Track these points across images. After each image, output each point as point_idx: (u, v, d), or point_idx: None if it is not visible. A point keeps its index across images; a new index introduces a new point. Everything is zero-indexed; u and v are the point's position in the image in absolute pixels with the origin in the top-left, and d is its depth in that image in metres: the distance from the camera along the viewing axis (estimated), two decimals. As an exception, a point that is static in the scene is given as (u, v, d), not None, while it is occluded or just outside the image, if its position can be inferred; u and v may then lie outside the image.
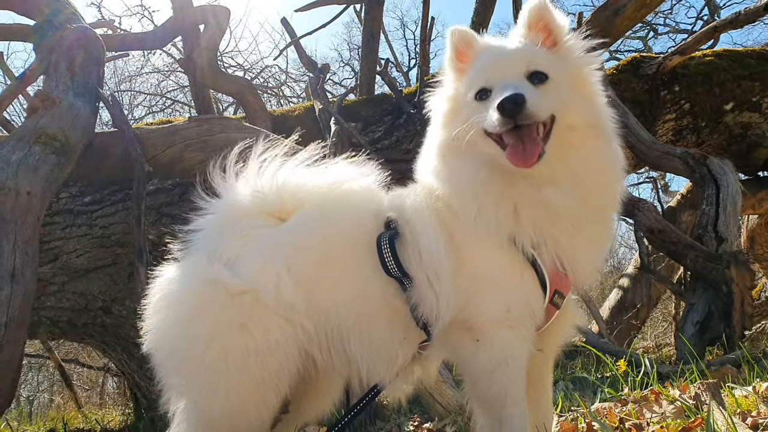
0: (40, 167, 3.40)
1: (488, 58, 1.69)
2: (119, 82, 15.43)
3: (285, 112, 6.10)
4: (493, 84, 1.61)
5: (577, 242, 1.66)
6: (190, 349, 1.68)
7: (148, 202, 4.49)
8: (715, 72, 5.95)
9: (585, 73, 1.72)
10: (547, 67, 1.62)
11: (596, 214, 1.69)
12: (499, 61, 1.66)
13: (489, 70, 1.65)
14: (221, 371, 1.64)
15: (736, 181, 4.63)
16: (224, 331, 1.65)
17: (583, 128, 1.64)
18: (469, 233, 1.65)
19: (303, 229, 1.80)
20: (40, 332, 5.25)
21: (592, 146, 1.65)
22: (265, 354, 1.63)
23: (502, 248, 1.62)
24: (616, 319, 7.02)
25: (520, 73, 1.60)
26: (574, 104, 1.63)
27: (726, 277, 3.97)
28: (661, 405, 2.31)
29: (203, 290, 1.71)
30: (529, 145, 1.53)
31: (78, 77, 4.10)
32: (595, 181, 1.64)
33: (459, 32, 1.78)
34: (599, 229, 1.75)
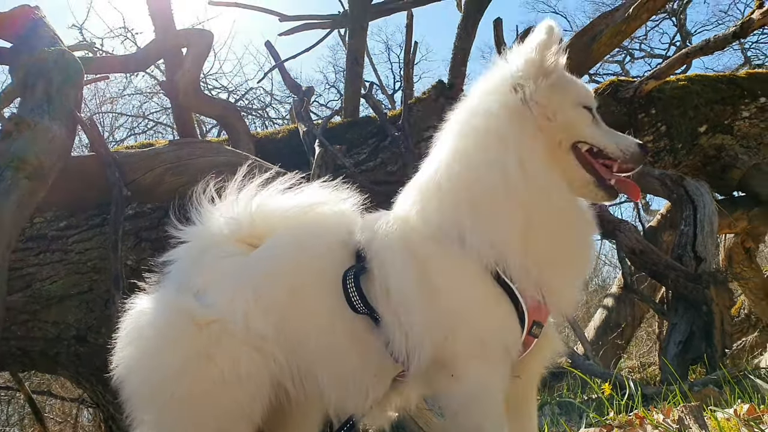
0: (11, 192, 3.32)
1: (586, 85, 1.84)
2: (100, 103, 15.29)
3: (269, 134, 6.08)
4: (593, 108, 1.76)
5: (567, 271, 1.67)
6: (159, 381, 1.64)
7: (127, 227, 4.41)
8: (688, 96, 6.11)
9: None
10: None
11: (581, 249, 1.77)
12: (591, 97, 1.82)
13: (591, 95, 1.80)
14: (190, 403, 1.61)
15: (712, 201, 4.72)
16: (192, 362, 1.61)
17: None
18: (447, 261, 1.61)
19: (273, 255, 1.77)
20: (10, 363, 5.08)
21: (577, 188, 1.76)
22: (235, 385, 1.59)
23: (481, 278, 1.58)
24: (602, 339, 7.03)
25: (594, 105, 1.81)
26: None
27: (706, 297, 4.01)
28: (646, 429, 2.29)
29: (172, 321, 1.67)
30: (632, 183, 1.73)
31: (55, 100, 4.03)
32: (581, 214, 1.75)
33: (555, 31, 1.75)
34: (586, 257, 1.81)
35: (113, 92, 15.25)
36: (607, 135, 1.69)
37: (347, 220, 1.80)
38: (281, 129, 6.15)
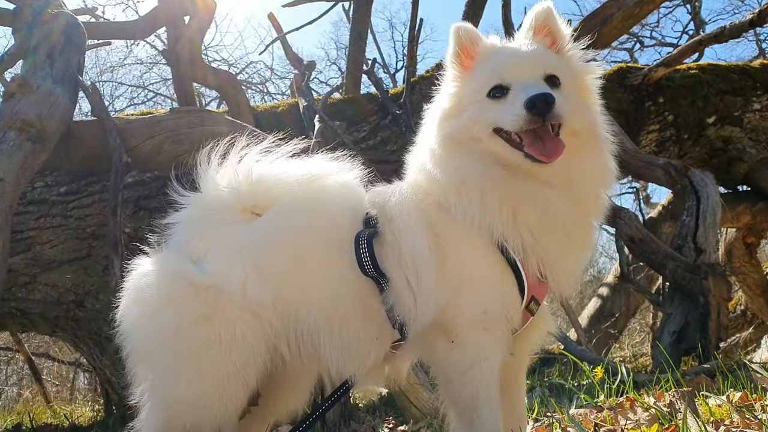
0: (14, 153, 3.31)
1: (504, 57, 1.67)
2: (101, 72, 15.21)
3: (268, 108, 6.04)
4: (510, 82, 1.60)
5: (565, 250, 1.66)
6: (157, 340, 1.71)
7: (126, 195, 4.40)
8: (699, 85, 6.03)
9: (587, 82, 1.74)
10: (560, 72, 1.64)
11: (584, 222, 1.71)
12: (517, 61, 1.64)
13: (506, 69, 1.62)
14: (185, 361, 1.67)
15: (717, 193, 4.68)
16: (189, 323, 1.67)
17: (585, 135, 1.65)
18: (456, 231, 1.64)
19: (276, 224, 1.79)
20: (10, 324, 5.12)
21: (589, 154, 1.66)
22: (230, 346, 1.64)
23: (488, 249, 1.61)
24: (595, 327, 7.07)
25: (538, 75, 1.61)
26: (579, 111, 1.64)
27: (703, 288, 4.00)
28: (636, 412, 2.30)
29: (171, 284, 1.72)
30: (550, 141, 1.54)
31: (57, 64, 4.00)
32: (588, 188, 1.67)
33: (465, 29, 1.73)
34: (585, 238, 1.75)
35: (114, 61, 15.14)
36: (503, 110, 1.57)
37: (353, 190, 1.82)
38: (281, 103, 6.10)
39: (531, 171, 1.58)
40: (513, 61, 1.64)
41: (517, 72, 1.61)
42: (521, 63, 1.63)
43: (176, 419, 1.67)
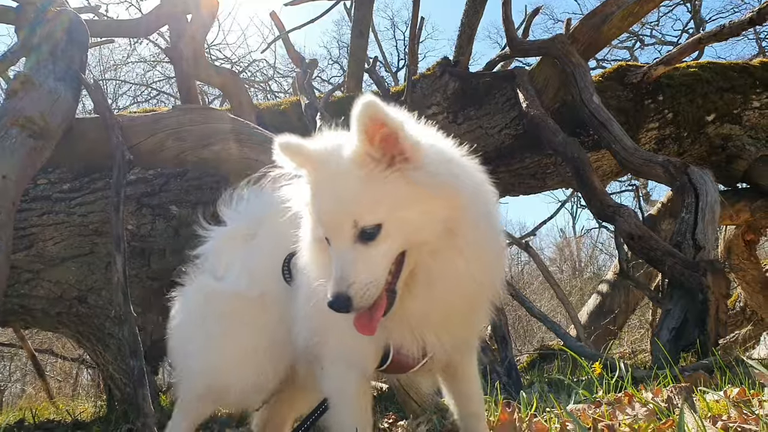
0: (17, 151, 3.33)
1: (320, 203, 1.54)
2: (104, 70, 15.23)
3: (271, 106, 6.06)
4: (329, 237, 1.53)
5: (424, 336, 1.65)
6: (192, 330, 2.21)
7: (128, 192, 4.43)
8: (698, 83, 6.05)
9: (425, 177, 1.47)
10: (377, 210, 1.44)
11: (466, 312, 1.67)
12: (329, 218, 1.51)
13: (324, 223, 1.54)
14: (210, 342, 2.14)
15: (716, 190, 4.70)
16: (212, 317, 2.16)
17: (434, 240, 1.50)
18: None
19: (258, 245, 2.19)
20: (13, 320, 5.15)
21: (446, 254, 1.51)
22: (239, 332, 2.09)
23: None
24: (594, 324, 7.09)
25: (349, 236, 1.46)
26: (424, 230, 1.48)
27: (702, 285, 4.01)
28: (634, 407, 2.33)
29: (199, 294, 2.25)
30: (364, 319, 1.51)
31: (60, 61, 4.02)
32: (457, 287, 1.55)
33: (284, 144, 1.60)
34: (459, 326, 1.73)
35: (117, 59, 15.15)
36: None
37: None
38: (283, 101, 6.12)
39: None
40: (324, 218, 1.53)
41: (329, 231, 1.52)
42: (329, 222, 1.51)
43: (205, 384, 2.14)
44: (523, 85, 5.63)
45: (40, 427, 4.62)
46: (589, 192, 4.87)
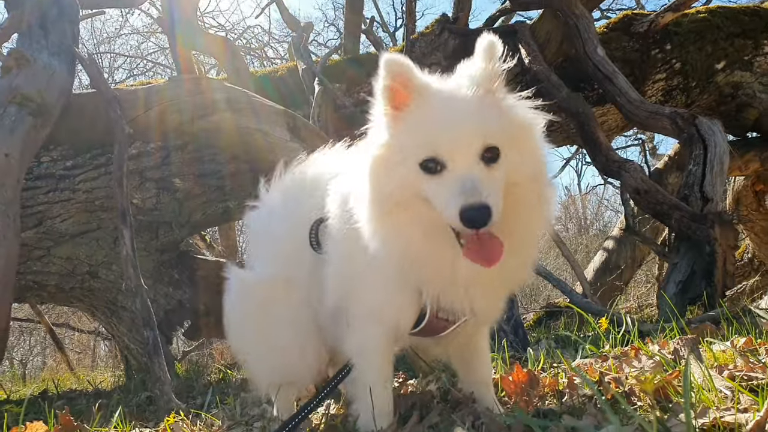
0: (16, 128, 3.32)
1: (437, 120, 1.45)
2: (98, 43, 15.02)
3: (267, 72, 5.98)
4: (445, 160, 1.42)
5: (473, 296, 1.62)
6: (240, 321, 2.21)
7: (131, 167, 4.43)
8: (708, 30, 5.88)
9: (529, 133, 1.53)
10: (499, 136, 1.44)
11: (509, 273, 1.62)
12: (451, 132, 1.42)
13: (439, 140, 1.42)
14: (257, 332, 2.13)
15: (725, 141, 4.62)
16: (253, 308, 2.12)
17: (524, 183, 1.50)
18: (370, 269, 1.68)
19: (275, 227, 2.16)
20: (29, 296, 5.25)
21: (529, 201, 1.52)
22: (279, 316, 2.05)
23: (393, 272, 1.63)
24: (600, 280, 7.12)
25: (476, 152, 1.41)
26: (519, 167, 1.48)
27: (710, 237, 4.00)
28: (641, 360, 2.35)
29: (240, 287, 2.20)
30: (490, 245, 1.42)
31: (52, 35, 3.97)
32: (525, 233, 1.56)
33: (396, 63, 1.48)
34: (509, 282, 1.70)
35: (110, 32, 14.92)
36: (438, 192, 1.43)
37: (318, 187, 1.97)
38: (280, 67, 6.03)
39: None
40: (446, 130, 1.43)
41: (451, 147, 1.41)
42: (456, 137, 1.42)
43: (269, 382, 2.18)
44: (525, 40, 5.50)
45: (63, 396, 4.75)
46: (594, 147, 4.82)
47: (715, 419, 1.48)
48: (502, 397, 2.19)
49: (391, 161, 1.50)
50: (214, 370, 5.65)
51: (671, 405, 1.74)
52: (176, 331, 5.63)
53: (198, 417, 2.71)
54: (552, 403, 2.05)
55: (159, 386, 3.12)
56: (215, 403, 2.96)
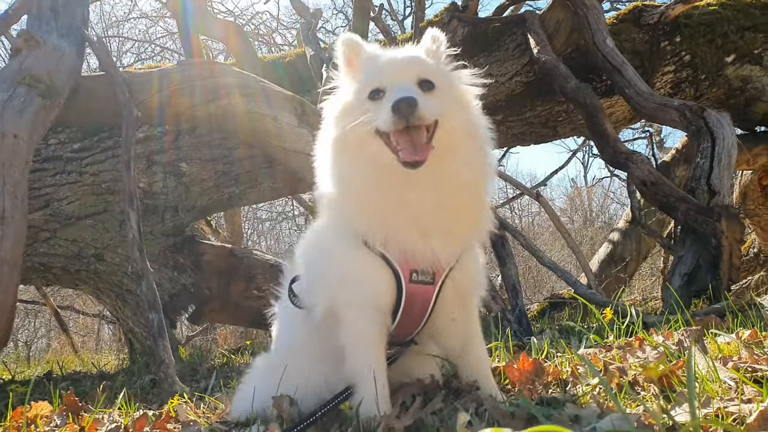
0: (25, 110, 3.32)
1: (383, 62, 1.79)
2: (106, 27, 14.97)
3: (276, 58, 5.96)
4: (386, 86, 1.71)
5: (431, 239, 1.74)
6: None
7: (138, 150, 4.44)
8: (718, 22, 5.82)
9: (465, 91, 1.84)
10: (434, 76, 1.74)
11: (459, 212, 1.76)
12: (393, 66, 1.77)
13: (383, 73, 1.75)
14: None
15: (733, 134, 4.59)
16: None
17: (459, 132, 1.74)
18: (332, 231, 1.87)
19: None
20: (34, 278, 5.29)
21: (465, 149, 1.74)
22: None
23: (358, 247, 1.77)
24: (605, 272, 7.12)
25: (411, 79, 1.71)
26: (453, 112, 1.74)
27: (716, 230, 3.98)
28: (645, 351, 2.36)
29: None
30: (420, 144, 1.63)
31: (62, 17, 3.95)
32: (461, 181, 1.73)
33: (348, 40, 1.86)
34: (456, 230, 1.79)
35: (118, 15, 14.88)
36: (379, 111, 1.66)
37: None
38: (288, 53, 6.01)
39: (404, 176, 1.65)
40: (389, 66, 1.77)
41: (392, 76, 1.73)
42: (396, 68, 1.76)
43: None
44: (533, 29, 5.46)
45: (68, 378, 4.80)
46: (601, 139, 4.80)
47: (719, 409, 1.49)
48: (506, 385, 2.20)
49: (348, 106, 1.79)
50: (217, 354, 5.69)
51: (675, 394, 1.75)
52: (180, 316, 5.67)
53: (202, 400, 2.74)
54: (555, 392, 2.06)
55: (163, 369, 3.14)
56: (219, 386, 2.99)
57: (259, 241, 16.23)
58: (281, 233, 16.47)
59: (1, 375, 5.27)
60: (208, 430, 2.07)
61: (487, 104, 1.93)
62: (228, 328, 9.02)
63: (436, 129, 1.68)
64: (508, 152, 12.19)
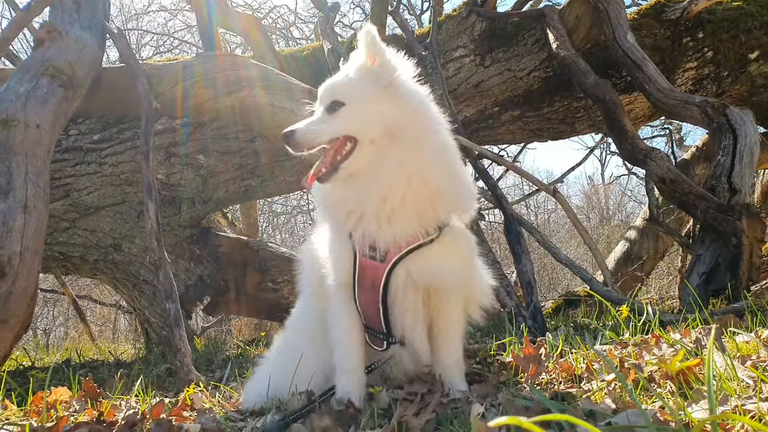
0: (48, 100, 3.37)
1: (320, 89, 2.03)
2: (126, 20, 15.12)
3: (293, 52, 5.98)
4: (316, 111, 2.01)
5: (389, 227, 1.90)
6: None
7: (157, 142, 4.48)
8: (742, 18, 5.71)
9: (390, 91, 1.92)
10: (346, 94, 1.92)
11: (397, 202, 1.88)
12: (320, 94, 2.01)
13: (320, 100, 2.00)
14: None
15: (756, 131, 4.51)
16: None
17: (380, 139, 1.88)
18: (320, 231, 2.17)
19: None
20: (54, 267, 5.38)
21: (388, 152, 1.87)
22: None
23: (333, 230, 2.05)
24: (621, 270, 7.05)
25: (325, 104, 1.95)
26: (372, 122, 1.88)
27: (736, 229, 3.92)
28: (661, 348, 2.33)
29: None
30: (316, 169, 1.93)
31: (84, 9, 4.00)
32: (392, 179, 1.86)
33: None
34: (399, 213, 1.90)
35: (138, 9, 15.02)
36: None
37: None
38: (306, 47, 6.02)
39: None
40: (320, 93, 2.00)
41: (320, 103, 1.99)
42: (320, 95, 1.99)
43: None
44: (553, 24, 5.41)
45: (86, 365, 4.88)
46: (620, 135, 4.74)
47: (737, 407, 1.47)
48: (519, 379, 2.20)
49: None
50: (232, 345, 5.74)
51: (692, 392, 1.73)
52: (196, 306, 5.73)
53: (217, 389, 2.77)
54: (571, 388, 2.05)
55: (179, 357, 3.18)
56: (234, 376, 3.02)
57: (274, 235, 16.31)
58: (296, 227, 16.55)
59: (22, 361, 5.37)
60: (224, 418, 2.10)
61: (505, 99, 1.97)
62: (243, 320, 9.09)
63: (358, 143, 1.89)
64: (525, 148, 12.10)
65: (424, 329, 2.06)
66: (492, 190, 4.64)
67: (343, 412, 1.83)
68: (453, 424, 1.69)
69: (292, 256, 6.11)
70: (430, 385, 2.04)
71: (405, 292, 1.97)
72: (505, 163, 5.14)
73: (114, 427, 1.87)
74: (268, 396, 2.16)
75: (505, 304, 3.90)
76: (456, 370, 2.07)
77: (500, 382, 2.18)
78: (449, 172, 1.93)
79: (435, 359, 2.08)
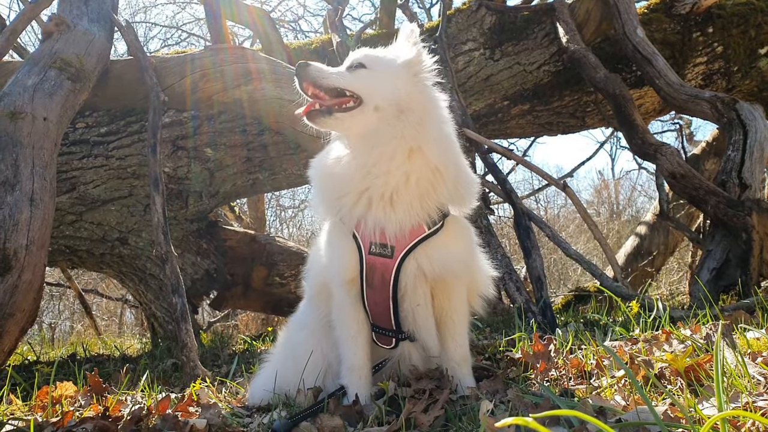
0: (55, 93, 3.37)
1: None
2: (134, 13, 15.16)
3: (302, 45, 5.95)
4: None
5: (396, 211, 1.89)
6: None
7: (164, 135, 4.47)
8: (752, 13, 5.65)
9: (415, 79, 1.96)
10: (371, 61, 1.96)
11: (412, 182, 1.88)
12: (349, 56, 2.04)
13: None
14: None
15: (766, 126, 4.47)
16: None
17: (387, 109, 1.88)
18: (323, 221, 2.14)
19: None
20: (60, 260, 5.39)
21: (392, 122, 1.88)
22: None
23: (334, 227, 2.04)
24: (631, 265, 7.02)
25: (349, 63, 1.98)
26: (379, 90, 1.90)
27: (746, 224, 3.89)
28: (672, 344, 2.31)
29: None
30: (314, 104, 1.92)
31: (92, 2, 3.99)
32: (394, 150, 1.87)
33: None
34: (401, 194, 1.90)
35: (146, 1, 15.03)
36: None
37: None
38: (314, 40, 6.00)
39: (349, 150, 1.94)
40: (348, 57, 2.04)
41: (344, 64, 2.02)
42: (348, 58, 2.02)
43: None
44: (563, 18, 5.36)
45: (91, 360, 4.89)
46: (630, 130, 4.70)
47: (748, 404, 1.45)
48: (528, 376, 2.18)
49: None
50: (238, 340, 5.74)
51: (702, 389, 1.71)
52: (202, 301, 5.74)
53: (223, 384, 2.77)
54: (580, 384, 2.03)
55: (186, 352, 3.17)
56: (240, 372, 3.01)
57: (282, 229, 16.33)
58: (303, 221, 16.54)
59: (27, 355, 5.39)
60: (230, 413, 2.09)
61: (514, 93, 1.95)
62: (249, 315, 9.11)
63: (362, 104, 1.88)
64: (534, 142, 12.05)
65: (433, 323, 2.04)
66: (502, 185, 4.61)
67: (350, 410, 1.82)
68: (462, 420, 1.68)
69: (300, 250, 6.11)
70: (438, 381, 2.03)
71: (415, 285, 1.96)
72: (515, 157, 5.11)
73: (119, 422, 1.86)
74: (274, 392, 2.16)
75: (515, 300, 3.88)
76: (464, 366, 2.06)
77: (509, 378, 2.16)
78: (450, 156, 1.94)
79: (443, 354, 2.07)
